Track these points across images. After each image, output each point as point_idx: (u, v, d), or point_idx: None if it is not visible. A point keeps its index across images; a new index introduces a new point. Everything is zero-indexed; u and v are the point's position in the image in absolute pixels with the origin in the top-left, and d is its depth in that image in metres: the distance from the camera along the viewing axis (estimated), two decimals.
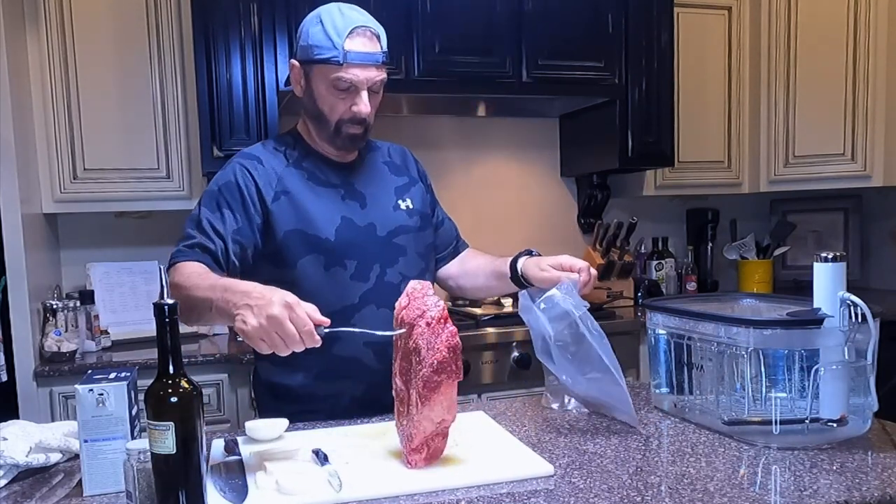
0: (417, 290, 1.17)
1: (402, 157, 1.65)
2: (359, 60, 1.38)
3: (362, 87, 1.40)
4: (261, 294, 1.12)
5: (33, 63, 2.34)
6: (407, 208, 1.55)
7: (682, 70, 2.90)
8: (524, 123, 3.09)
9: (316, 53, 1.39)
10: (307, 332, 1.08)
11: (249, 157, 1.47)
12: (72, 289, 2.56)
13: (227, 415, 2.28)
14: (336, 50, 1.36)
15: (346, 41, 1.37)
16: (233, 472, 1.12)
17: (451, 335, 1.11)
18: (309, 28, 1.41)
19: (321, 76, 1.41)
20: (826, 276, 1.19)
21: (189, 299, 1.24)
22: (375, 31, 1.41)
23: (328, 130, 1.45)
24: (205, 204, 1.42)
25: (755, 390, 1.21)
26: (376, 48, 1.40)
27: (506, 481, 1.07)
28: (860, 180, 2.90)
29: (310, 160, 1.50)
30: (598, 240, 2.99)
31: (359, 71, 1.39)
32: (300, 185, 1.45)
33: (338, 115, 1.43)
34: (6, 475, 1.13)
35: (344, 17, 1.39)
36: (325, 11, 1.40)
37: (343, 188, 1.49)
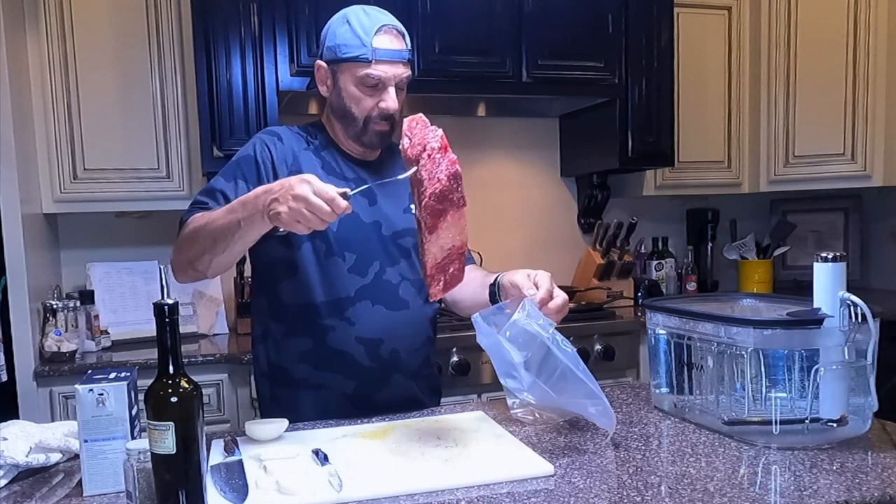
0: (414, 126, 1.19)
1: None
2: (387, 57, 1.41)
3: (390, 83, 1.43)
4: (279, 184, 1.18)
5: (33, 63, 2.34)
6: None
7: (682, 70, 2.90)
8: (524, 123, 3.09)
9: (344, 52, 1.41)
10: (330, 198, 1.14)
11: (271, 133, 1.49)
12: (72, 289, 2.56)
13: (227, 415, 2.28)
14: (365, 47, 1.39)
15: (374, 39, 1.39)
16: (233, 472, 1.12)
17: (451, 163, 1.14)
18: (335, 28, 1.43)
19: (349, 74, 1.43)
20: (826, 276, 1.19)
21: (212, 231, 1.28)
22: (401, 30, 1.44)
23: (356, 128, 1.47)
24: (221, 175, 1.44)
25: (755, 390, 1.21)
26: (402, 46, 1.43)
27: (506, 481, 1.07)
28: (860, 180, 2.90)
29: (329, 151, 1.52)
30: (598, 240, 2.99)
31: (387, 67, 1.41)
32: (313, 170, 1.46)
33: (366, 112, 1.45)
34: (6, 475, 1.13)
35: (370, 16, 1.42)
36: (350, 12, 1.43)
37: (355, 183, 1.49)
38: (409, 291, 1.51)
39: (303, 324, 1.46)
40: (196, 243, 1.31)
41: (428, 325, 1.58)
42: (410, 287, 1.51)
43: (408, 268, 1.51)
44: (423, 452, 1.19)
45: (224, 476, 1.10)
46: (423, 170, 1.14)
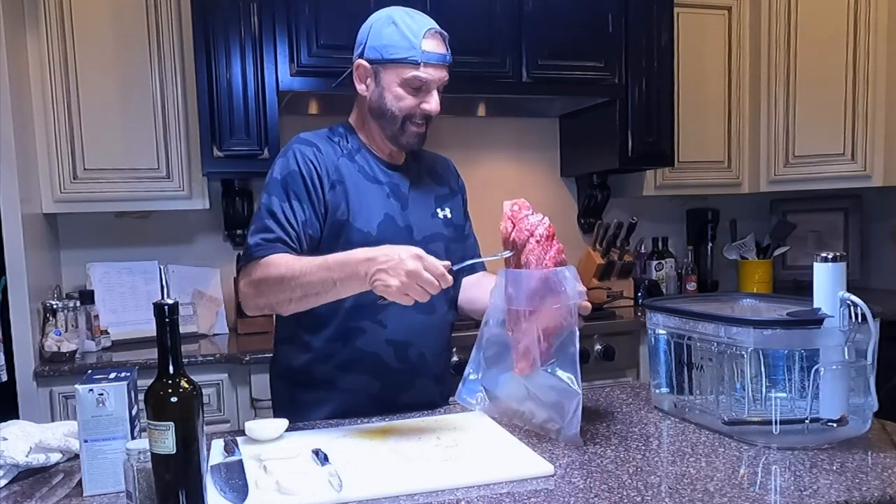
0: (517, 211, 1.26)
1: (445, 168, 1.68)
2: (434, 61, 1.43)
3: (434, 86, 1.45)
4: (386, 255, 1.22)
5: (33, 63, 2.34)
6: (444, 217, 1.58)
7: (682, 70, 2.90)
8: (524, 123, 3.09)
9: (391, 53, 1.42)
10: (440, 275, 1.20)
11: (307, 143, 1.47)
12: (72, 289, 2.56)
13: (227, 415, 2.28)
14: (415, 50, 1.40)
15: (424, 42, 1.41)
16: (233, 472, 1.12)
17: (559, 252, 1.23)
18: (381, 29, 1.44)
19: (395, 74, 1.43)
20: (826, 276, 1.19)
21: (304, 285, 1.30)
22: (444, 34, 1.46)
23: (394, 127, 1.47)
24: (274, 193, 1.43)
25: (755, 390, 1.21)
26: (445, 49, 1.46)
27: (506, 481, 1.07)
28: (860, 180, 2.90)
29: (361, 155, 1.52)
30: (598, 240, 2.99)
31: (433, 70, 1.43)
32: (352, 176, 1.48)
33: (406, 111, 1.45)
34: (6, 475, 1.13)
35: (415, 19, 1.43)
36: (395, 14, 1.44)
37: (388, 187, 1.51)
38: (438, 296, 1.51)
39: (332, 326, 1.47)
40: (282, 292, 1.33)
41: (449, 330, 1.60)
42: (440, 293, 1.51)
43: None
44: (423, 452, 1.19)
45: (224, 476, 1.10)
46: (530, 254, 1.22)
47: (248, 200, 2.71)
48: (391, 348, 1.48)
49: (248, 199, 2.71)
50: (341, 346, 1.48)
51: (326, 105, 2.66)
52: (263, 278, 1.34)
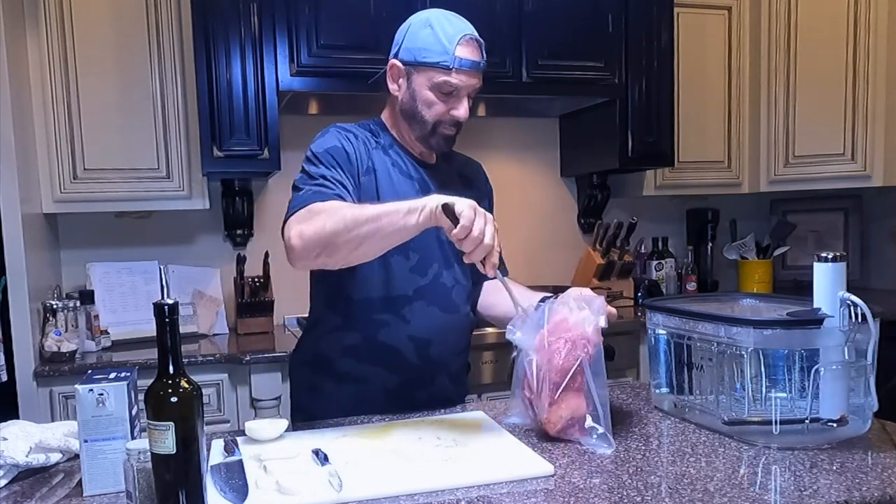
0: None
1: (475, 172, 1.69)
2: (467, 67, 1.42)
3: (464, 92, 1.45)
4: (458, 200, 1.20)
5: (33, 63, 2.34)
6: None
7: (682, 70, 2.90)
8: (524, 123, 3.09)
9: (425, 56, 1.41)
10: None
11: (345, 129, 1.48)
12: (72, 289, 2.56)
13: (227, 415, 2.28)
14: (447, 55, 1.40)
15: (457, 48, 1.41)
16: (233, 472, 1.12)
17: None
18: (417, 31, 1.43)
19: (426, 78, 1.43)
20: (826, 276, 1.19)
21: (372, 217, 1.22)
22: (481, 41, 1.46)
23: (424, 130, 1.48)
24: (320, 163, 1.40)
25: (755, 390, 1.21)
26: (480, 57, 1.45)
27: (506, 481, 1.07)
28: (860, 180, 2.90)
29: (395, 149, 1.52)
30: (598, 240, 2.99)
31: (465, 77, 1.43)
32: (385, 168, 1.48)
33: (437, 117, 1.45)
34: (6, 475, 1.13)
35: (453, 24, 1.43)
36: (433, 17, 1.43)
37: (419, 184, 1.51)
38: (461, 296, 1.54)
39: (356, 317, 1.48)
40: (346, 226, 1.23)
41: (469, 331, 1.61)
42: (462, 292, 1.54)
43: (460, 272, 1.53)
44: (423, 452, 1.19)
45: (224, 476, 1.10)
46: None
47: (248, 200, 2.71)
48: (412, 344, 1.48)
49: (248, 199, 2.71)
50: (364, 338, 1.48)
51: (326, 105, 2.66)
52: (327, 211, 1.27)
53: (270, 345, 2.39)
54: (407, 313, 1.47)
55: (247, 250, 2.73)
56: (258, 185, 2.78)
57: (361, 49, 2.31)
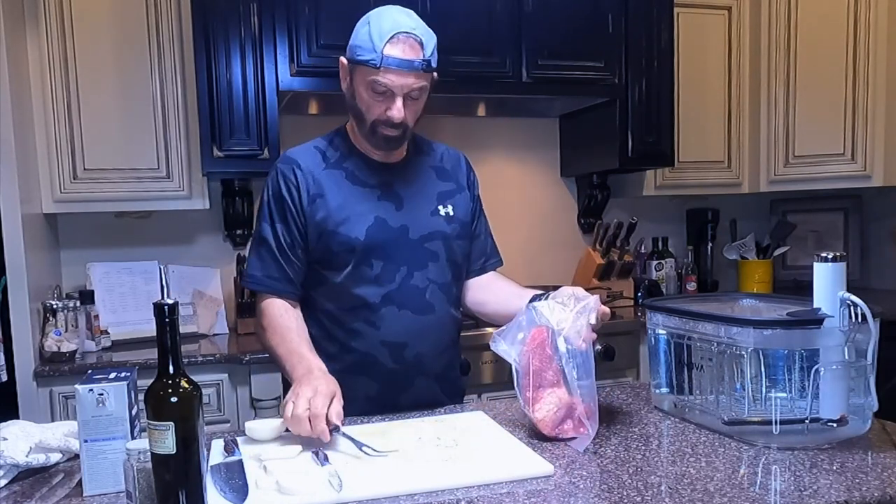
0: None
1: (454, 163, 1.65)
2: (395, 66, 1.38)
3: (398, 92, 1.41)
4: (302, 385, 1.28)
5: (33, 63, 2.34)
6: (446, 214, 1.55)
7: (682, 70, 2.90)
8: (524, 123, 3.09)
9: (357, 54, 1.40)
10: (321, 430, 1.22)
11: (288, 161, 1.51)
12: (72, 289, 2.56)
13: (227, 415, 2.28)
14: (375, 53, 1.37)
15: (386, 46, 1.37)
16: (233, 472, 1.12)
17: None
18: (358, 28, 1.43)
19: (361, 77, 1.42)
20: (826, 276, 1.19)
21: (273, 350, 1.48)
22: (419, 38, 1.39)
23: (364, 129, 1.47)
24: (263, 218, 1.51)
25: (755, 390, 1.21)
26: (417, 55, 1.39)
27: (506, 481, 1.07)
28: (860, 180, 2.90)
29: (352, 160, 1.51)
30: (598, 240, 2.99)
31: (394, 77, 1.39)
32: (336, 185, 1.48)
33: (373, 116, 1.44)
34: (6, 475, 1.13)
35: (391, 20, 1.39)
36: (374, 14, 1.42)
37: (380, 189, 1.50)
38: (436, 295, 1.52)
39: (331, 327, 1.50)
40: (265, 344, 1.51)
41: (453, 329, 1.59)
42: (438, 291, 1.52)
43: (435, 271, 1.51)
44: (423, 452, 1.19)
45: (224, 476, 1.10)
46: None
47: (248, 200, 2.71)
48: (386, 349, 1.48)
49: (248, 199, 2.71)
50: (340, 347, 1.49)
51: (326, 105, 2.66)
52: (260, 325, 1.51)
53: None
54: (376, 320, 1.47)
55: (247, 250, 2.72)
56: (258, 185, 2.78)
57: None
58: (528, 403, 1.27)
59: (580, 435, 1.24)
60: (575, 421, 1.24)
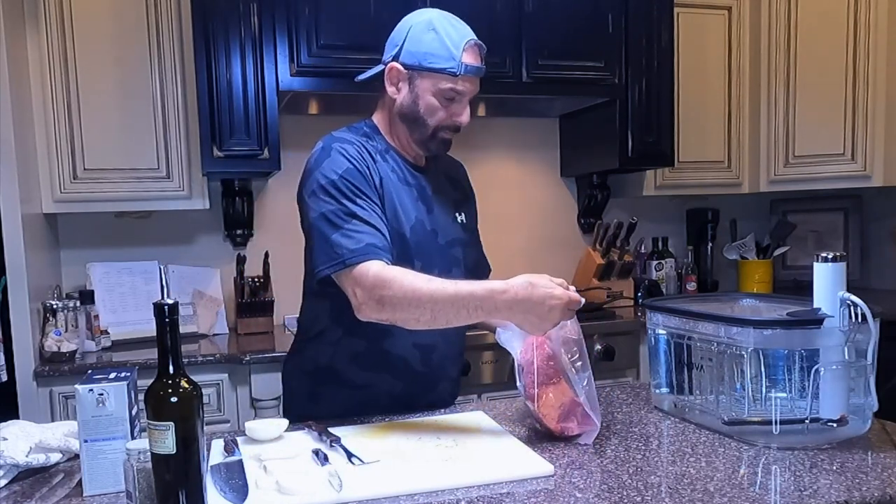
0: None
1: (460, 173, 1.67)
2: (473, 74, 1.41)
3: (467, 98, 1.44)
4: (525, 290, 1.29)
5: (33, 63, 2.34)
6: (462, 222, 1.57)
7: (682, 70, 2.90)
8: (524, 123, 3.09)
9: (431, 62, 1.39)
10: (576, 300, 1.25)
11: (345, 141, 1.42)
12: (72, 289, 2.56)
13: (227, 415, 2.28)
14: (454, 61, 1.38)
15: (464, 53, 1.39)
16: (233, 472, 1.12)
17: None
18: (421, 35, 1.40)
19: (430, 83, 1.41)
20: (826, 276, 1.19)
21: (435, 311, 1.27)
22: (482, 45, 1.44)
23: (424, 134, 1.45)
24: (334, 195, 1.35)
25: (755, 390, 1.21)
26: (482, 62, 1.45)
27: (506, 481, 1.07)
28: (860, 180, 2.90)
29: (391, 155, 1.49)
30: (598, 240, 2.99)
31: (470, 84, 1.42)
32: (388, 175, 1.45)
33: (437, 122, 1.44)
34: (6, 475, 1.13)
35: (457, 29, 1.41)
36: (436, 21, 1.41)
37: (416, 190, 1.49)
38: None
39: (361, 326, 1.43)
40: (409, 313, 1.28)
41: (465, 333, 1.61)
42: None
43: (457, 276, 1.50)
44: (423, 452, 1.19)
45: (224, 476, 1.10)
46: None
47: (248, 200, 2.71)
48: (417, 352, 1.48)
49: (248, 199, 2.71)
50: (369, 346, 1.47)
51: (326, 105, 2.66)
52: (393, 296, 1.27)
53: (270, 345, 2.39)
54: None
55: (247, 250, 2.73)
56: (258, 185, 2.78)
57: (361, 49, 2.30)
58: (531, 400, 1.27)
59: (586, 430, 1.24)
60: (578, 418, 1.24)
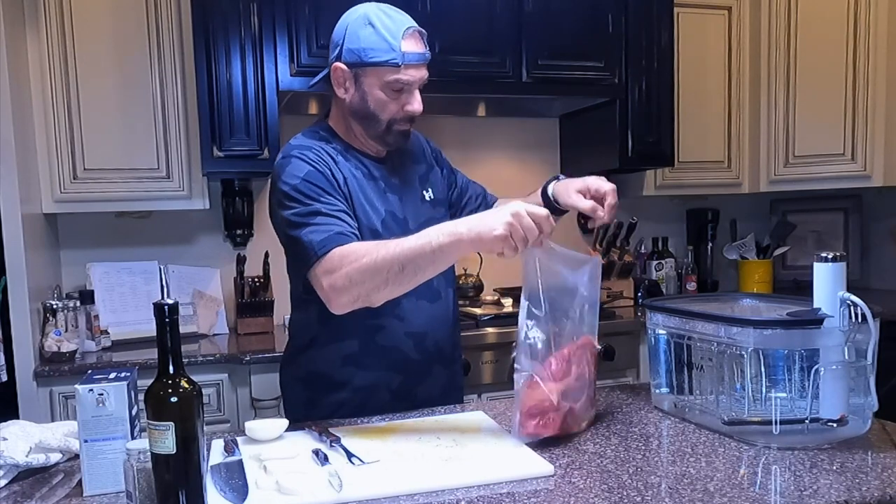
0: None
1: (417, 144, 1.64)
2: (415, 61, 1.39)
3: (415, 86, 1.42)
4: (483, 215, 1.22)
5: (33, 63, 2.34)
6: (430, 199, 1.57)
7: (682, 70, 2.90)
8: (524, 123, 3.09)
9: (371, 56, 1.38)
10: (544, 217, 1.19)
11: (305, 147, 1.43)
12: (72, 289, 2.56)
13: (227, 415, 2.28)
14: (394, 52, 1.37)
15: (402, 42, 1.37)
16: (233, 472, 1.12)
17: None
18: (357, 31, 1.39)
19: (375, 78, 1.40)
20: (826, 276, 1.19)
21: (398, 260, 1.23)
22: (422, 31, 1.42)
23: (378, 129, 1.45)
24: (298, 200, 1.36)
25: (755, 390, 1.21)
26: (424, 47, 1.42)
27: (506, 481, 1.07)
28: (860, 180, 2.90)
29: (351, 154, 1.50)
30: (598, 240, 2.99)
31: (414, 71, 1.40)
32: (352, 173, 1.46)
33: (390, 115, 1.43)
34: (6, 475, 1.13)
35: (393, 19, 1.39)
36: (371, 13, 1.39)
37: (383, 182, 1.50)
38: (441, 281, 1.52)
39: (352, 326, 1.45)
40: (377, 275, 1.25)
41: (455, 311, 1.61)
42: (441, 277, 1.50)
43: None
44: (423, 452, 1.19)
45: (224, 476, 1.10)
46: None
47: (248, 200, 2.71)
48: (410, 341, 1.49)
49: (248, 199, 2.71)
50: (362, 344, 1.48)
51: (326, 105, 2.64)
52: (354, 268, 1.26)
53: (270, 345, 2.39)
54: (401, 312, 1.47)
55: (247, 250, 2.73)
56: (258, 185, 2.78)
57: None
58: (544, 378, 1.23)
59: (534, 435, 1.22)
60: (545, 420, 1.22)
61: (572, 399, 1.24)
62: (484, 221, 1.19)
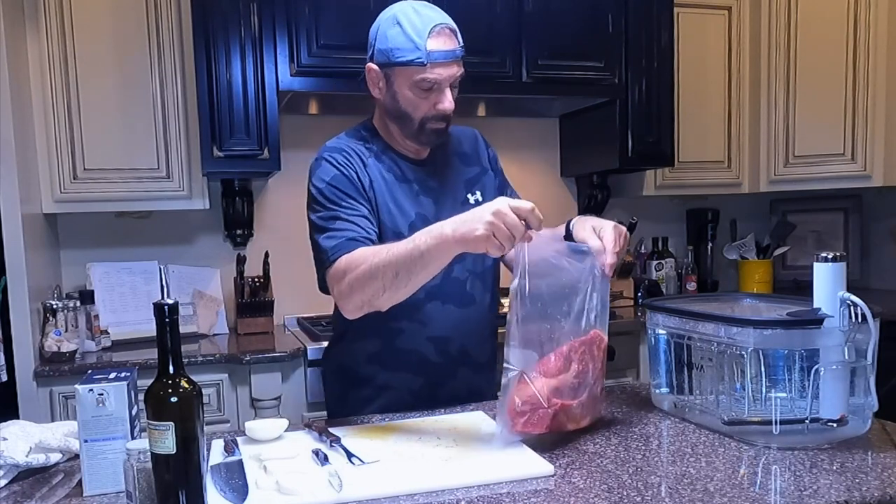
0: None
1: (473, 145, 1.63)
2: (442, 59, 1.37)
3: (445, 85, 1.41)
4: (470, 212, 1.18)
5: (33, 63, 2.34)
6: (476, 202, 1.53)
7: (682, 70, 2.90)
8: (524, 123, 3.09)
9: (398, 56, 1.38)
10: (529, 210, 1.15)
11: (335, 150, 1.45)
12: (72, 289, 2.56)
13: (227, 415, 2.28)
14: (419, 51, 1.36)
15: (428, 41, 1.36)
16: (233, 472, 1.12)
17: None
18: (386, 31, 1.40)
19: (403, 78, 1.40)
20: (826, 276, 1.19)
21: (391, 265, 1.23)
22: (453, 27, 1.40)
23: (412, 129, 1.45)
24: (325, 202, 1.39)
25: (755, 390, 1.21)
26: (455, 45, 1.40)
27: (506, 481, 1.07)
28: (860, 180, 2.90)
29: (389, 156, 1.50)
30: None
31: (441, 70, 1.38)
32: (382, 177, 1.46)
33: (422, 114, 1.43)
34: (6, 475, 1.13)
35: (421, 16, 1.38)
36: (400, 13, 1.39)
37: (417, 184, 1.49)
38: (476, 285, 1.52)
39: (373, 326, 1.45)
40: (373, 281, 1.26)
41: (493, 318, 1.60)
42: (477, 281, 1.51)
43: (472, 261, 1.49)
44: (423, 452, 1.19)
45: (224, 476, 1.10)
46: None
47: (248, 200, 2.71)
48: (432, 345, 1.48)
49: (248, 199, 2.71)
50: (384, 345, 1.48)
51: (326, 105, 2.66)
52: (354, 276, 1.28)
53: (270, 345, 2.39)
54: (422, 316, 1.46)
55: (247, 250, 2.73)
56: (258, 185, 2.78)
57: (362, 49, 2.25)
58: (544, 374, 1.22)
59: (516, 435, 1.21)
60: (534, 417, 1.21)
61: (568, 396, 1.23)
62: (466, 222, 1.17)
